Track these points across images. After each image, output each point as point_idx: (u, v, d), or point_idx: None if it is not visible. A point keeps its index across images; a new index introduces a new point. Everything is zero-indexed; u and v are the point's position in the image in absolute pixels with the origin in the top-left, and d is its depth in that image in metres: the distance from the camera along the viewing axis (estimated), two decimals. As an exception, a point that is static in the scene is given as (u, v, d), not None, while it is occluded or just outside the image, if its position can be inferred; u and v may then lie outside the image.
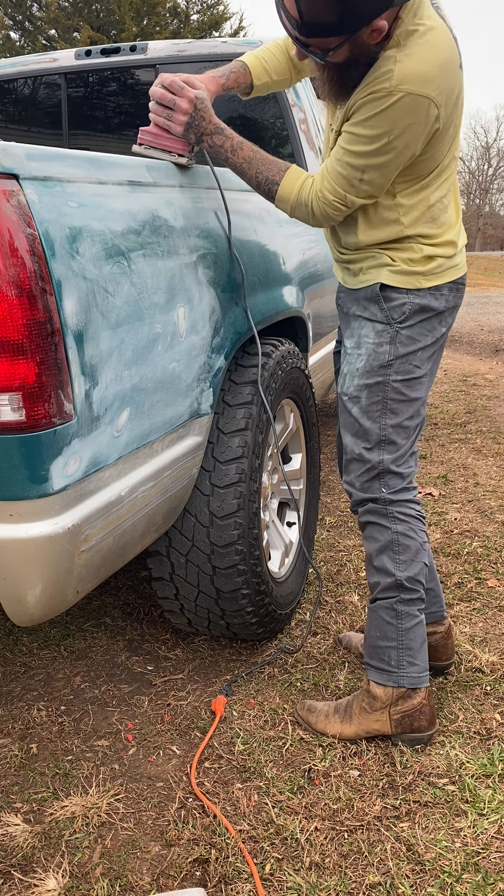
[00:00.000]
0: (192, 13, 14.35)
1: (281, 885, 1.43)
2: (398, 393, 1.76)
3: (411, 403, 1.78)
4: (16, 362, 1.19)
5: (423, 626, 1.80)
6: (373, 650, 1.80)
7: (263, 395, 1.95)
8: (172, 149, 1.70)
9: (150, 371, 1.50)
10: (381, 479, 1.80)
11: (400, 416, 1.78)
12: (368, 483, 1.81)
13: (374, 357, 1.76)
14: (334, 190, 1.63)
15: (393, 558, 1.79)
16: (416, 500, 1.85)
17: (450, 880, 1.42)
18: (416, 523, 1.82)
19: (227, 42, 2.94)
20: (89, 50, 3.09)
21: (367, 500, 1.82)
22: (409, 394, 1.77)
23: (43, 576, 1.31)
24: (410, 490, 1.84)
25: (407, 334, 1.74)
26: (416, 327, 1.74)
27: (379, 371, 1.75)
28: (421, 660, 1.78)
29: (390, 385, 1.76)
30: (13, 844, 1.54)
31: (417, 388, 1.78)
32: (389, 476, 1.80)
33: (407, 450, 1.82)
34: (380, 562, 1.80)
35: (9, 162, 1.18)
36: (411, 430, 1.81)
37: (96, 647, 2.24)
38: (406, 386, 1.76)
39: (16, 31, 13.81)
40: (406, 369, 1.75)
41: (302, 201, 1.69)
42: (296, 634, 2.25)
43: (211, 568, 1.90)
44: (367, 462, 1.79)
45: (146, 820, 1.60)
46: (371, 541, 1.82)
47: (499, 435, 4.33)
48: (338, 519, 3.16)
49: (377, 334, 1.75)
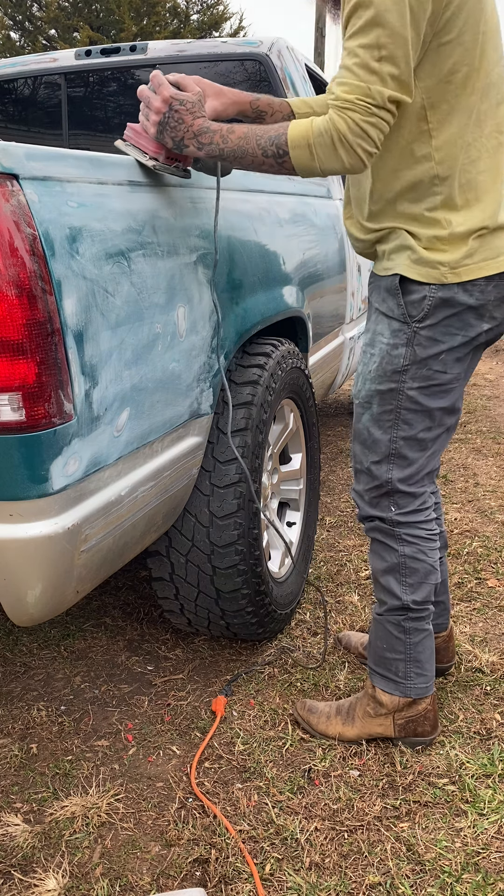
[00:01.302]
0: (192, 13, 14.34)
1: (281, 885, 1.43)
2: (413, 402, 1.57)
3: (429, 414, 1.59)
4: (16, 362, 1.19)
5: (432, 637, 1.75)
6: (379, 659, 1.75)
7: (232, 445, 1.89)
8: (145, 148, 1.57)
9: (150, 371, 1.50)
10: (391, 498, 1.66)
11: (414, 428, 1.60)
12: (377, 499, 1.67)
13: (388, 360, 1.57)
14: (355, 87, 1.33)
15: (400, 581, 1.69)
16: (429, 520, 1.69)
17: (450, 880, 1.42)
18: (426, 544, 1.68)
19: (227, 42, 2.94)
20: (89, 50, 3.09)
21: (374, 517, 1.70)
22: (426, 403, 1.58)
23: (43, 576, 1.31)
24: (423, 511, 1.68)
25: (427, 335, 1.52)
26: (439, 326, 1.51)
27: (393, 377, 1.57)
28: (429, 669, 1.73)
29: (404, 393, 1.57)
30: (13, 844, 1.54)
31: (439, 397, 1.58)
32: (399, 496, 1.65)
33: (421, 467, 1.63)
34: (386, 582, 1.71)
35: (9, 162, 1.18)
36: (427, 443, 1.62)
37: (96, 647, 2.24)
38: (424, 394, 1.57)
39: (16, 31, 13.80)
40: (424, 375, 1.55)
41: (321, 129, 1.37)
42: (296, 634, 2.25)
43: (211, 568, 1.90)
44: (375, 478, 1.65)
45: (146, 820, 1.60)
46: (377, 558, 1.72)
47: (499, 435, 4.33)
48: (338, 519, 3.16)
49: (392, 334, 1.56)
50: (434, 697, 1.76)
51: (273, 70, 2.85)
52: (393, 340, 1.56)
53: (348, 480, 3.64)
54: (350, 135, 1.34)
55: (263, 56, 2.85)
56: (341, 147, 1.36)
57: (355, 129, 1.34)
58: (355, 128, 1.34)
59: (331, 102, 1.36)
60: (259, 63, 2.87)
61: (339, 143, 1.36)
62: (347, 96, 1.33)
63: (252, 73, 2.90)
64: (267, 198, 2.25)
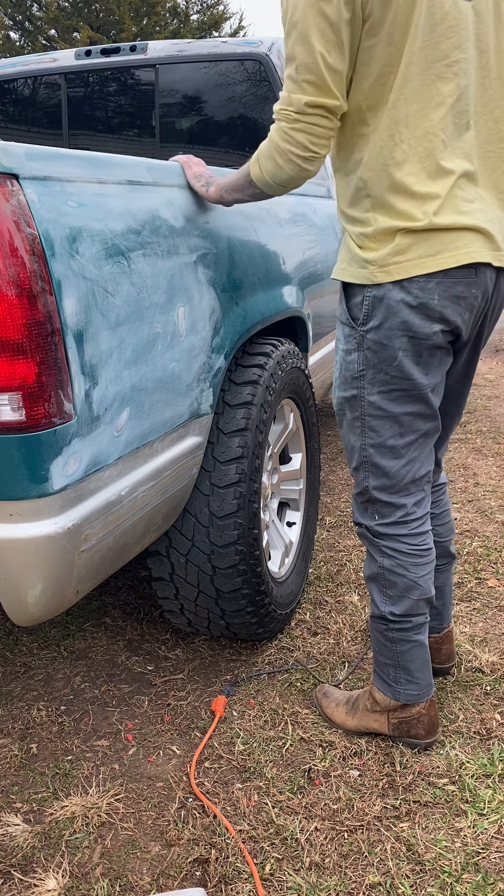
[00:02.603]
0: (192, 13, 14.34)
1: (281, 885, 1.43)
2: (376, 408, 1.53)
3: (395, 420, 1.53)
4: (16, 362, 1.19)
5: (423, 647, 1.71)
6: (375, 660, 1.78)
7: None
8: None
9: (150, 371, 1.50)
10: (373, 506, 1.63)
11: (381, 435, 1.55)
12: (363, 505, 1.67)
13: (345, 367, 1.55)
14: (282, 98, 1.40)
15: (381, 591, 1.69)
16: (414, 534, 1.64)
17: (450, 880, 1.42)
18: (407, 559, 1.64)
19: (227, 42, 2.94)
20: (89, 50, 3.09)
21: (360, 524, 1.70)
22: (391, 409, 1.52)
23: (43, 575, 1.31)
24: (406, 524, 1.63)
25: (374, 338, 1.48)
26: (383, 329, 1.46)
27: (353, 383, 1.55)
28: (421, 678, 1.72)
29: (366, 399, 1.53)
30: (13, 844, 1.54)
31: (406, 403, 1.52)
32: (380, 504, 1.62)
33: (398, 476, 1.58)
34: (370, 588, 1.73)
35: (9, 162, 1.18)
36: (400, 450, 1.56)
37: (96, 647, 2.24)
38: (387, 399, 1.52)
39: (16, 31, 13.80)
40: (383, 380, 1.51)
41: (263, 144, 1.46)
42: (296, 634, 2.25)
43: (211, 568, 1.90)
44: (358, 484, 1.65)
45: (146, 820, 1.60)
46: (366, 564, 1.74)
47: (499, 435, 4.33)
48: (338, 519, 3.16)
49: (345, 339, 1.54)
50: (431, 703, 1.75)
51: (273, 70, 2.85)
52: (346, 346, 1.55)
53: (348, 480, 3.64)
54: (281, 142, 1.41)
55: (263, 56, 2.85)
56: (277, 155, 1.42)
57: (284, 137, 1.40)
58: (283, 135, 1.40)
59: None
60: (259, 63, 2.87)
61: (275, 152, 1.42)
62: (276, 107, 1.41)
63: (252, 73, 2.90)
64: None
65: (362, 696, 1.82)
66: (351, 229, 1.49)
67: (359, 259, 1.46)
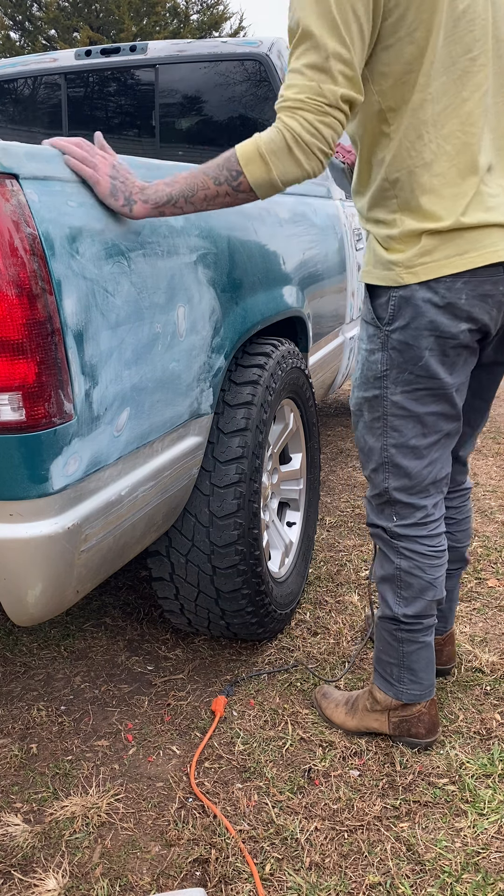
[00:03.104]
0: (192, 13, 14.35)
1: (281, 885, 1.43)
2: (399, 408, 1.52)
3: (419, 420, 1.52)
4: (16, 362, 1.19)
5: (429, 648, 1.71)
6: (378, 658, 1.77)
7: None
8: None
9: (150, 371, 1.50)
10: (392, 507, 1.62)
11: (404, 435, 1.54)
12: (380, 507, 1.65)
13: (368, 367, 1.53)
14: (305, 87, 1.26)
15: (395, 592, 1.67)
16: (432, 535, 1.64)
17: (450, 880, 1.42)
18: (425, 561, 1.63)
19: (227, 42, 2.94)
20: (89, 50, 3.09)
21: (376, 525, 1.68)
22: (414, 409, 1.51)
23: (43, 575, 1.31)
24: (426, 525, 1.62)
25: (399, 339, 1.47)
26: (409, 329, 1.45)
27: (375, 383, 1.53)
28: (424, 678, 1.72)
29: (389, 399, 1.52)
30: (13, 844, 1.54)
31: (429, 403, 1.51)
32: (400, 506, 1.61)
33: (420, 476, 1.57)
34: (383, 590, 1.71)
35: (9, 162, 1.18)
36: (422, 451, 1.55)
37: (96, 647, 2.24)
38: (411, 399, 1.51)
39: (16, 31, 13.81)
40: (407, 380, 1.49)
41: (271, 136, 1.28)
42: (296, 634, 2.25)
43: (211, 568, 1.90)
44: (375, 486, 1.63)
45: (146, 820, 1.60)
46: (378, 565, 1.72)
47: (499, 435, 4.33)
48: (338, 519, 3.16)
49: (369, 339, 1.52)
50: (432, 702, 1.76)
51: (273, 70, 2.85)
52: (370, 346, 1.53)
53: (348, 480, 3.64)
54: (306, 135, 1.26)
55: (263, 56, 2.85)
56: (298, 149, 1.27)
57: (310, 129, 1.26)
58: (310, 127, 1.26)
59: (280, 106, 1.28)
60: (259, 63, 2.87)
61: (295, 145, 1.26)
62: (297, 96, 1.25)
63: (252, 73, 2.90)
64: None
65: (362, 696, 1.82)
66: (376, 231, 1.46)
67: (384, 261, 1.44)
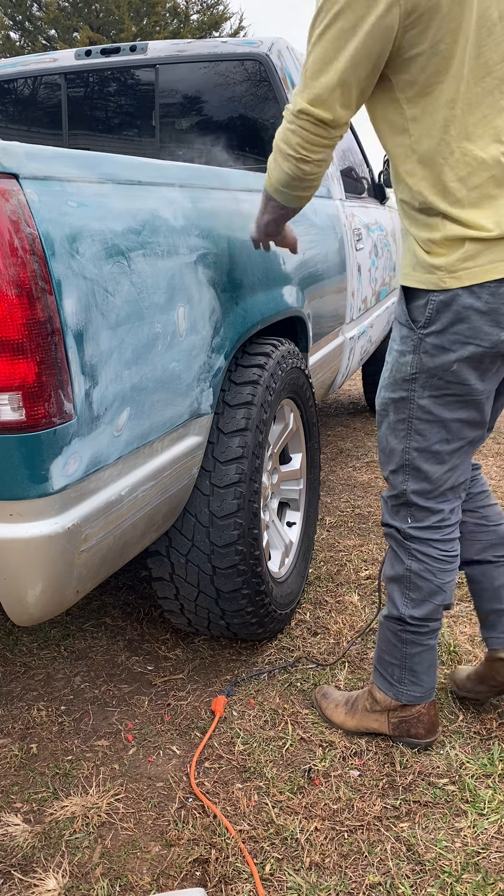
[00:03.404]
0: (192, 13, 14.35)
1: (281, 885, 1.43)
2: (425, 412, 1.51)
3: (444, 425, 1.52)
4: (16, 362, 1.19)
5: (433, 651, 1.71)
6: (379, 658, 1.77)
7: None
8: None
9: (150, 371, 1.50)
10: (408, 509, 1.62)
11: (428, 440, 1.53)
12: (396, 508, 1.65)
13: (397, 368, 1.52)
14: (292, 98, 1.38)
15: (403, 593, 1.67)
16: (445, 540, 1.63)
17: (450, 880, 1.42)
18: (436, 564, 1.63)
19: (227, 42, 2.94)
20: (89, 50, 3.09)
21: (390, 525, 1.68)
22: (441, 414, 1.51)
23: (43, 575, 1.31)
24: (440, 529, 1.62)
25: (434, 342, 1.45)
26: (446, 334, 1.43)
27: (403, 385, 1.52)
28: (425, 681, 1.72)
29: (415, 403, 1.51)
30: (13, 844, 1.54)
31: (457, 409, 1.50)
32: (415, 508, 1.61)
33: (439, 481, 1.57)
34: (391, 589, 1.70)
35: (9, 162, 1.18)
36: (444, 456, 1.55)
37: (96, 647, 2.24)
38: (438, 404, 1.50)
39: (16, 31, 13.81)
40: (436, 385, 1.48)
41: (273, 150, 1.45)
42: (295, 634, 2.25)
43: (211, 568, 1.90)
44: (393, 487, 1.63)
45: (146, 820, 1.60)
46: (388, 564, 1.71)
47: (499, 435, 4.33)
48: (338, 519, 3.16)
49: (401, 340, 1.51)
50: (432, 703, 1.75)
51: (273, 70, 2.85)
52: (401, 347, 1.51)
53: (348, 480, 3.64)
54: (279, 141, 1.42)
55: (263, 56, 2.85)
56: (278, 153, 1.43)
57: (282, 136, 1.41)
58: (282, 135, 1.41)
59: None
60: (259, 63, 2.87)
61: (276, 151, 1.43)
62: (286, 107, 1.41)
63: (252, 73, 2.90)
64: (267, 198, 2.25)
65: (362, 697, 1.82)
66: (417, 234, 1.44)
67: (425, 264, 1.42)
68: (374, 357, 4.51)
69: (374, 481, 3.62)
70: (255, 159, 2.97)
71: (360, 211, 3.52)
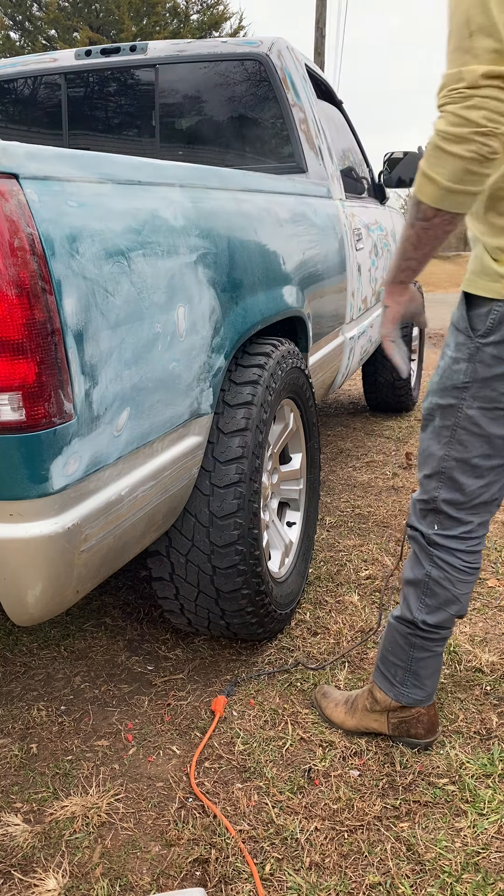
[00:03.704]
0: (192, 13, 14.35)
1: (281, 885, 1.43)
2: (472, 423, 1.48)
3: (488, 440, 1.48)
4: (16, 362, 1.19)
5: (439, 657, 1.70)
6: (382, 658, 1.76)
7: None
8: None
9: (150, 371, 1.50)
10: (436, 516, 1.59)
11: (469, 452, 1.50)
12: (424, 512, 1.61)
13: (448, 375, 1.48)
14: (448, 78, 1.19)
15: (420, 598, 1.65)
16: (469, 551, 1.60)
17: (450, 880, 1.42)
18: (456, 574, 1.61)
19: (227, 42, 2.94)
20: (89, 50, 3.09)
21: (416, 528, 1.64)
22: (487, 428, 1.47)
23: (43, 575, 1.31)
24: (466, 540, 1.59)
25: (492, 353, 1.41)
26: None
27: (453, 392, 1.48)
28: (427, 685, 1.71)
29: (463, 412, 1.48)
30: (13, 844, 1.54)
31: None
32: (444, 517, 1.58)
33: (473, 495, 1.54)
34: (407, 591, 1.68)
35: (9, 162, 1.18)
36: (484, 471, 1.51)
37: (96, 647, 2.24)
38: (487, 417, 1.46)
39: (16, 31, 13.81)
40: (489, 396, 1.44)
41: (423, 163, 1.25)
42: (295, 634, 2.25)
43: (211, 568, 1.90)
44: (425, 491, 1.59)
45: (146, 820, 1.60)
46: (408, 566, 1.68)
47: None
48: (338, 519, 3.16)
49: (457, 347, 1.47)
50: (432, 703, 1.76)
51: (273, 70, 2.85)
52: (455, 354, 1.47)
53: (348, 480, 3.64)
54: (452, 128, 1.18)
55: (263, 56, 2.86)
56: (446, 143, 1.20)
57: (455, 121, 1.18)
58: (455, 119, 1.18)
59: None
60: (259, 63, 2.87)
61: (444, 141, 1.20)
62: (441, 94, 1.20)
63: (252, 73, 2.90)
64: (266, 197, 2.25)
65: (361, 696, 1.82)
66: (487, 241, 1.38)
67: (492, 272, 1.38)
68: (374, 357, 4.51)
69: (374, 481, 3.62)
70: (254, 159, 2.97)
71: (360, 211, 3.52)
